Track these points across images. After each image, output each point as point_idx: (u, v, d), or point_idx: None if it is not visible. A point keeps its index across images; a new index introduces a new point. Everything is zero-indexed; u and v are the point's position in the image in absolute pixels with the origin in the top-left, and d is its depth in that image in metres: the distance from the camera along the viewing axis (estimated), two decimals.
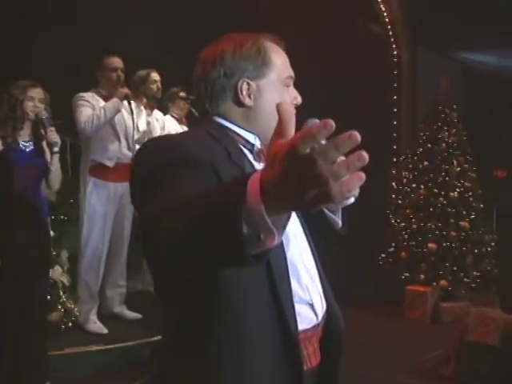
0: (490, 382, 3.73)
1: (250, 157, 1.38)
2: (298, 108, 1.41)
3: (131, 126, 4.19)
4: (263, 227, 0.83)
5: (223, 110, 1.39)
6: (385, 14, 6.49)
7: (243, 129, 1.39)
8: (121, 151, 4.11)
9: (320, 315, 1.39)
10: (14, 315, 3.15)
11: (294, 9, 5.89)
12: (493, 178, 7.22)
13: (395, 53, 6.91)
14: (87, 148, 4.03)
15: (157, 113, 4.77)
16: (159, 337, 3.78)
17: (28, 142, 3.24)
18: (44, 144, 3.26)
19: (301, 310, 1.32)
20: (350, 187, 0.76)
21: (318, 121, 1.29)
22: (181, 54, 5.89)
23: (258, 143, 1.40)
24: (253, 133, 1.40)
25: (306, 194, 0.77)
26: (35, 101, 3.22)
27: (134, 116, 4.15)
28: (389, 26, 6.66)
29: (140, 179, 1.22)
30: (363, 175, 0.77)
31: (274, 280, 1.23)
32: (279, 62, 1.40)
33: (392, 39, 6.81)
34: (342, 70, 6.50)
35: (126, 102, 3.99)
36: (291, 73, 1.44)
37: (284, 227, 0.86)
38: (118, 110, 3.90)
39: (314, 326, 1.37)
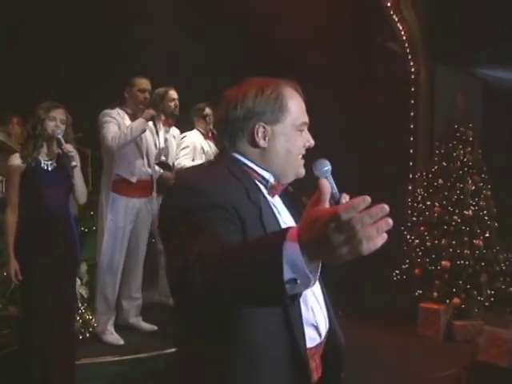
0: None
1: (265, 191, 1.51)
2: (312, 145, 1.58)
3: (152, 144, 4.35)
4: (301, 275, 1.00)
5: (240, 148, 1.52)
6: (402, 32, 6.55)
7: (259, 166, 1.52)
8: (142, 168, 4.23)
9: (323, 334, 1.52)
10: (43, 328, 3.25)
11: (313, 27, 5.98)
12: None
13: (413, 70, 6.96)
14: (110, 163, 4.14)
15: (174, 129, 4.91)
16: (174, 349, 3.89)
17: (50, 160, 3.34)
18: (67, 162, 3.36)
19: (306, 331, 1.43)
20: (376, 244, 0.96)
21: (326, 161, 1.40)
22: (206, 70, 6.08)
23: (272, 180, 1.53)
24: (268, 171, 1.53)
25: (341, 250, 0.96)
26: (57, 121, 3.32)
27: (160, 135, 4.31)
28: (406, 44, 6.72)
29: (168, 219, 1.37)
30: (386, 236, 0.98)
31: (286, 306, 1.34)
32: (294, 109, 1.52)
33: (410, 56, 6.87)
34: (360, 86, 6.58)
35: (150, 122, 4.14)
36: (306, 119, 1.55)
37: (317, 272, 1.04)
38: (144, 130, 4.05)
39: (316, 345, 1.49)
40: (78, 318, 3.83)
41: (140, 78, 4.24)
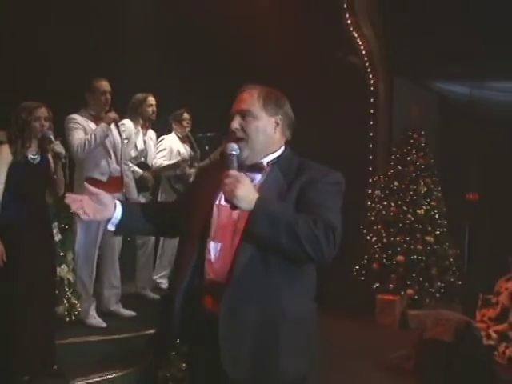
0: (445, 372, 4.23)
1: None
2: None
3: (119, 142, 4.53)
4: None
5: None
6: (362, 47, 7.09)
7: None
8: (111, 166, 4.44)
9: (216, 274, 1.94)
10: (23, 310, 3.53)
11: (279, 42, 6.46)
12: (465, 200, 7.78)
13: (372, 82, 7.49)
14: (81, 165, 4.39)
15: (151, 132, 5.30)
16: (152, 330, 4.27)
17: (36, 155, 3.64)
18: (50, 156, 3.69)
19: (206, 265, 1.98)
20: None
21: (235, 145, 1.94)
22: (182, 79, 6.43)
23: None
24: None
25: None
26: (41, 120, 3.59)
27: (139, 138, 4.63)
28: (366, 58, 7.25)
29: None
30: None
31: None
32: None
33: (369, 70, 7.40)
34: (323, 97, 7.04)
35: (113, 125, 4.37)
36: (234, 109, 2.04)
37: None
38: (107, 135, 4.27)
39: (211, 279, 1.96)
40: (65, 302, 4.16)
41: (100, 81, 4.34)
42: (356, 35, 6.96)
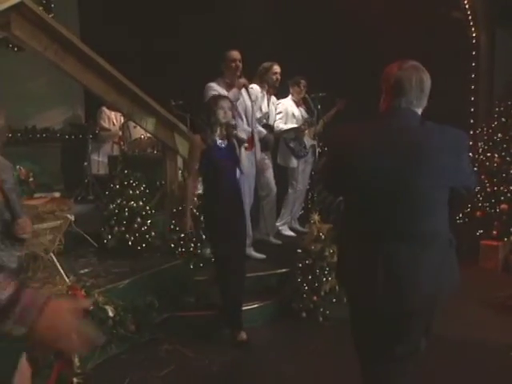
0: None
1: None
2: None
3: (250, 106, 5.17)
4: None
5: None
6: (465, 1, 7.20)
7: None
8: (242, 127, 5.07)
9: None
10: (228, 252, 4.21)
11: (386, 2, 6.74)
12: None
13: (474, 35, 7.60)
14: None
15: (273, 98, 5.88)
16: (283, 270, 4.92)
17: (222, 139, 4.20)
18: (234, 141, 4.26)
19: None
20: None
21: None
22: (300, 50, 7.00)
23: None
24: None
25: None
26: (225, 109, 4.15)
27: (264, 102, 5.22)
28: (468, 12, 7.37)
29: None
30: None
31: None
32: None
33: (471, 23, 7.51)
34: (426, 50, 7.24)
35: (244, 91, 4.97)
36: None
37: None
38: (238, 99, 4.90)
39: None
40: None
41: (231, 51, 5.03)
42: None
